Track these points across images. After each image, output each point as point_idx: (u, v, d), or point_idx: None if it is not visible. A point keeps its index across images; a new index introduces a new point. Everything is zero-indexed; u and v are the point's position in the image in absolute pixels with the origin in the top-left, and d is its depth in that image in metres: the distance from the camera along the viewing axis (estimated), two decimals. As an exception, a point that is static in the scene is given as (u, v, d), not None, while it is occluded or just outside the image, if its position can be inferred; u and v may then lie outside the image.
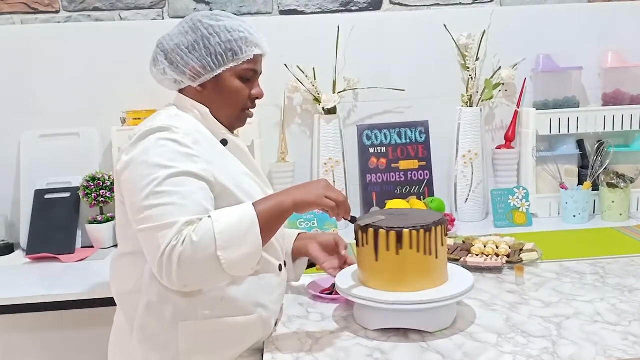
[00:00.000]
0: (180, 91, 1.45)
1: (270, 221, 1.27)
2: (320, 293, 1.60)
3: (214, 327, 1.33)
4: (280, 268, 1.46)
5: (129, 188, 1.27)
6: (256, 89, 1.46)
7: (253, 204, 1.27)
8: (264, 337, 1.39)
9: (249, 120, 2.24)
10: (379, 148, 2.44)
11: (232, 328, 1.35)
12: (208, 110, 1.41)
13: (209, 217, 1.22)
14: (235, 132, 1.50)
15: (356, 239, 1.41)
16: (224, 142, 1.43)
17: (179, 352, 1.32)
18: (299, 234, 1.66)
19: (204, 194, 1.27)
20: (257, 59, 1.44)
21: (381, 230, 1.34)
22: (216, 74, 1.39)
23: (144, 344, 1.34)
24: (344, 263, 1.58)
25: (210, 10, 2.35)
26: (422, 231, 1.33)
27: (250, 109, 1.48)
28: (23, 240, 2.28)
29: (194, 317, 1.33)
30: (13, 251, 2.28)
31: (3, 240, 2.27)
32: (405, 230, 1.32)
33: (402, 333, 1.34)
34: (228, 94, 1.42)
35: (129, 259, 1.36)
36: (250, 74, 1.43)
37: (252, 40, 1.41)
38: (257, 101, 1.49)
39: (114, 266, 1.43)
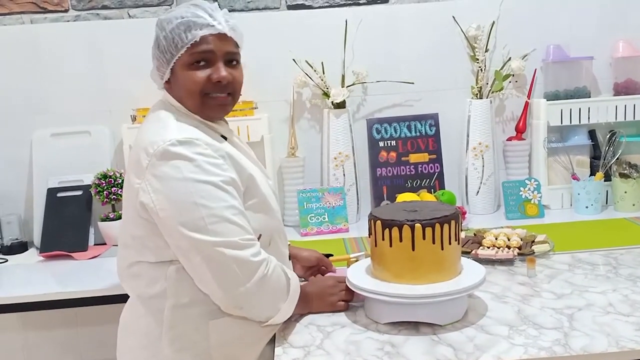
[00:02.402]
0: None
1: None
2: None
3: (244, 319, 1.33)
4: (289, 257, 1.55)
5: (169, 208, 1.26)
6: (216, 73, 1.36)
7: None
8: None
9: (258, 115, 2.29)
10: (388, 141, 2.43)
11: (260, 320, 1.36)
12: (199, 117, 1.40)
13: (286, 272, 1.36)
14: (227, 124, 1.50)
15: (370, 232, 1.41)
16: (224, 138, 1.44)
17: (211, 348, 1.33)
18: None
19: (242, 204, 1.32)
20: (207, 40, 1.35)
21: (396, 224, 1.34)
22: (170, 67, 1.37)
23: (174, 343, 1.33)
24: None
25: (218, 6, 2.36)
26: (437, 225, 1.32)
27: (216, 94, 1.39)
28: (36, 238, 2.30)
29: (223, 314, 1.33)
30: (27, 249, 2.30)
31: (17, 239, 2.29)
32: (419, 225, 1.32)
33: (413, 326, 1.34)
34: (182, 86, 1.37)
35: (149, 266, 1.36)
36: (200, 57, 1.35)
37: (196, 22, 1.34)
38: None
39: (127, 273, 1.40)
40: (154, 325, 1.36)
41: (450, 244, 1.35)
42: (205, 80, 1.36)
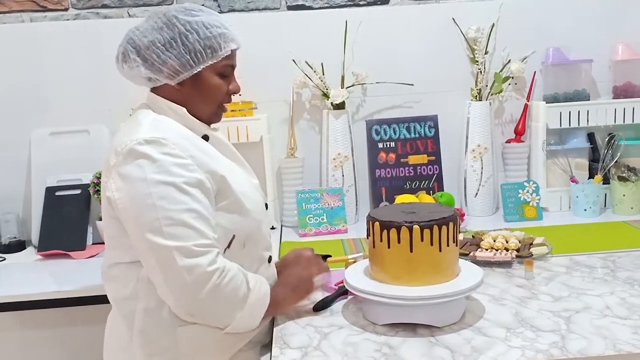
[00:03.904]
0: (153, 89, 1.44)
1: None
2: (328, 288, 1.60)
3: (213, 326, 1.33)
4: (269, 260, 1.50)
5: (130, 207, 1.27)
6: (233, 84, 1.46)
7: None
8: (260, 328, 1.39)
9: (257, 115, 2.29)
10: (387, 143, 2.43)
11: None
12: (185, 110, 1.40)
13: (245, 275, 1.31)
14: (213, 126, 1.50)
15: (368, 233, 1.41)
16: (205, 138, 1.42)
17: (180, 355, 1.33)
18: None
19: (208, 206, 1.30)
20: (233, 54, 1.43)
21: (394, 226, 1.34)
22: (195, 71, 1.38)
23: (144, 348, 1.33)
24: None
25: (219, 6, 2.36)
26: (435, 227, 1.32)
27: (225, 104, 1.48)
28: (34, 237, 2.29)
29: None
30: (24, 248, 2.30)
31: (15, 237, 2.29)
32: (417, 226, 1.32)
33: (411, 328, 1.34)
34: (207, 91, 1.41)
35: (125, 267, 1.36)
36: (228, 69, 1.43)
37: (229, 35, 1.40)
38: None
39: (107, 274, 1.41)
40: (125, 328, 1.37)
41: (448, 245, 1.35)
42: (226, 91, 1.45)
